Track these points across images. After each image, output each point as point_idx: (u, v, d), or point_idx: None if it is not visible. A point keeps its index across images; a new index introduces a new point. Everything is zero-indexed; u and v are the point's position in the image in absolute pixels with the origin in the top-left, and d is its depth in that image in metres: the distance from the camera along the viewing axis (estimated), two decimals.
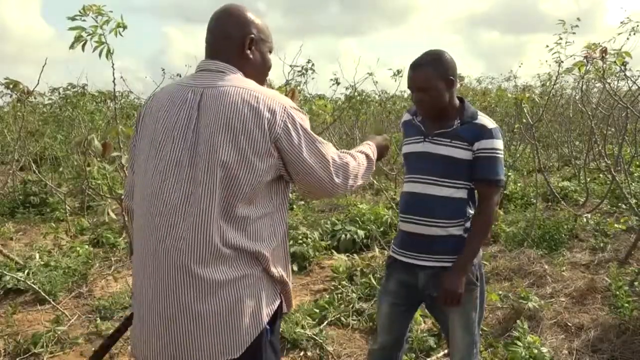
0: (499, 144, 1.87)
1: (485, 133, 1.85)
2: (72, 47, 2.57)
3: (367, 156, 1.66)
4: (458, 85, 2.01)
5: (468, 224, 1.92)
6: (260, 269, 1.39)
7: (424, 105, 1.91)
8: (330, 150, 1.47)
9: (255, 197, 1.35)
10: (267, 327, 1.39)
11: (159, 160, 1.35)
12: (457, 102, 1.94)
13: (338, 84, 8.06)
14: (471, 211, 1.93)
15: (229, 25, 1.46)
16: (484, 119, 1.89)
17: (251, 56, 1.47)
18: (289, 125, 1.35)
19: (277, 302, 1.44)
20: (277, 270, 1.43)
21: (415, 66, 1.89)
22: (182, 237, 1.30)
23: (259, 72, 1.51)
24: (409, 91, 1.99)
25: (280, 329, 3.14)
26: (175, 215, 1.31)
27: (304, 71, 7.53)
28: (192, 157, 1.31)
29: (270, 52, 1.55)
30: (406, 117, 2.09)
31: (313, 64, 7.49)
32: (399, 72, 7.46)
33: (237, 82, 1.38)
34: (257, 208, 1.37)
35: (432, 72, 1.85)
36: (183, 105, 1.36)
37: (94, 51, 2.59)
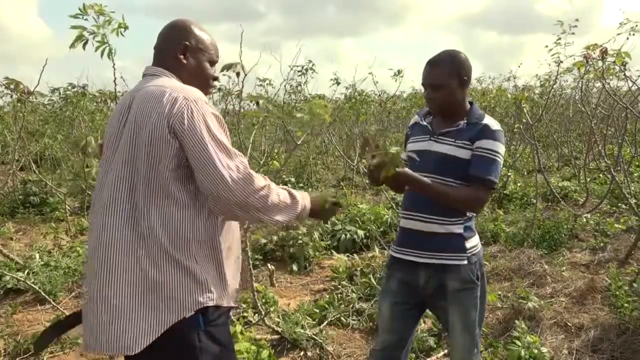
0: (499, 146, 1.86)
1: (487, 133, 1.86)
2: (72, 46, 2.57)
3: (292, 195, 1.55)
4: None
5: (469, 223, 1.93)
6: (181, 265, 1.41)
7: (435, 102, 1.93)
8: (240, 157, 1.43)
9: (165, 194, 1.40)
10: (200, 315, 1.42)
11: (102, 161, 1.52)
12: (467, 104, 1.96)
13: (338, 84, 8.08)
14: None
15: (169, 34, 1.61)
16: (489, 120, 1.91)
17: (184, 61, 1.59)
18: (185, 113, 1.39)
19: (204, 302, 1.43)
20: (200, 271, 1.43)
21: (432, 63, 1.92)
22: (99, 234, 1.42)
23: (195, 77, 1.60)
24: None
25: (280, 329, 3.15)
26: (96, 212, 1.46)
27: (304, 71, 7.55)
28: (114, 154, 1.46)
29: (212, 63, 1.66)
30: (414, 119, 2.12)
31: (313, 64, 7.52)
32: (399, 72, 7.46)
33: (160, 82, 1.50)
34: (169, 207, 1.41)
35: (447, 69, 1.88)
36: (121, 110, 1.50)
37: (96, 51, 2.58)
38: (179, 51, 1.58)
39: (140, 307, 1.37)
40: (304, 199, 1.60)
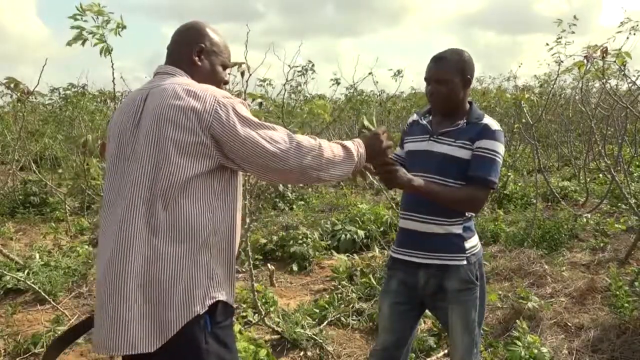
0: (499, 146, 1.86)
1: (487, 133, 1.87)
2: (69, 44, 2.58)
3: (345, 147, 1.59)
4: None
5: (468, 223, 1.93)
6: (196, 261, 1.41)
7: (437, 98, 1.92)
8: (279, 129, 1.48)
9: (187, 188, 1.40)
10: (207, 317, 1.41)
11: (112, 157, 1.51)
12: (467, 104, 1.97)
13: (338, 84, 8.10)
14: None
15: (184, 35, 1.61)
16: (489, 120, 1.91)
17: (199, 63, 1.59)
18: (220, 112, 1.40)
19: (216, 296, 1.43)
20: (213, 264, 1.44)
21: (437, 59, 1.92)
22: (115, 228, 1.41)
23: (207, 80, 1.60)
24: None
25: (280, 329, 3.15)
26: (112, 206, 1.44)
27: (304, 71, 7.56)
28: (133, 149, 1.44)
29: (225, 67, 1.66)
30: (414, 117, 2.12)
31: (313, 64, 7.53)
32: (399, 72, 7.47)
33: (178, 80, 1.50)
34: (190, 201, 1.40)
35: (452, 65, 1.89)
36: (132, 106, 1.50)
37: (94, 46, 2.60)
38: (194, 53, 1.58)
39: (153, 306, 1.36)
40: (358, 146, 1.62)
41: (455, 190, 1.87)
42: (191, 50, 1.58)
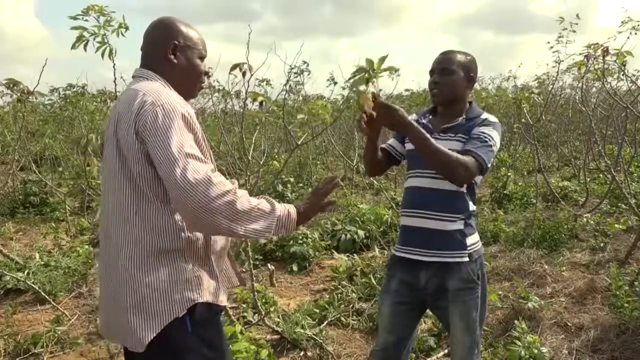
0: (494, 133, 1.89)
1: (484, 122, 1.92)
2: (74, 47, 2.59)
3: (270, 202, 1.44)
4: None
5: (470, 220, 1.94)
6: (170, 265, 1.41)
7: (439, 88, 1.94)
8: (199, 160, 1.34)
9: (146, 189, 1.40)
10: (188, 318, 1.42)
11: (102, 161, 1.57)
12: (467, 103, 2.01)
13: (335, 83, 8.09)
14: (473, 207, 1.95)
15: (156, 34, 1.59)
16: (487, 115, 1.96)
17: (175, 61, 1.56)
18: (148, 116, 1.36)
19: (195, 299, 1.43)
20: (190, 266, 1.44)
21: (445, 52, 1.99)
22: (106, 223, 1.49)
23: (186, 75, 1.59)
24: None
25: (280, 329, 3.15)
26: (104, 203, 1.51)
27: (299, 72, 7.56)
28: (105, 155, 1.50)
29: (202, 58, 1.63)
30: (412, 117, 2.10)
31: (308, 65, 7.53)
32: (395, 70, 7.46)
33: (140, 85, 1.49)
34: (155, 202, 1.41)
35: (458, 60, 1.95)
36: (113, 110, 1.55)
37: (96, 52, 2.60)
38: (169, 51, 1.55)
39: (132, 310, 1.39)
40: (286, 206, 1.47)
41: (449, 152, 1.78)
42: (165, 49, 1.55)
